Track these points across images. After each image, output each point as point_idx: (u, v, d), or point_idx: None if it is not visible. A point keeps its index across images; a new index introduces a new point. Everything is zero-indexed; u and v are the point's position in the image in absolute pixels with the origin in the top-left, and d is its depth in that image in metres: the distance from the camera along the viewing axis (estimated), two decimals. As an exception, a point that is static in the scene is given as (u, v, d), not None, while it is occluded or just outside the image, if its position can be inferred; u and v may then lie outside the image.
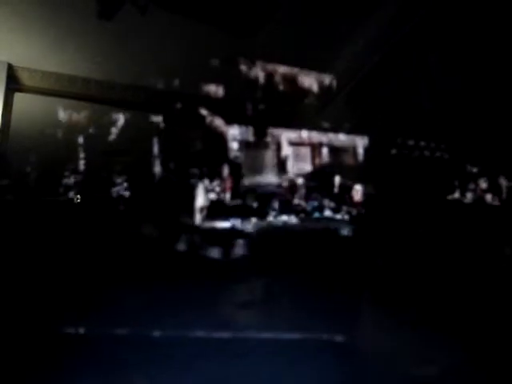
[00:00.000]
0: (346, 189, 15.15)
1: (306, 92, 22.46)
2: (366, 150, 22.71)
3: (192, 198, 11.63)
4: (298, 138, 20.58)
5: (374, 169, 21.36)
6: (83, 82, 15.60)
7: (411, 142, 24.16)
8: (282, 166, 19.85)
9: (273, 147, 20.35)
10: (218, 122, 18.04)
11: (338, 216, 13.64)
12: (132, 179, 12.30)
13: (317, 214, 13.14)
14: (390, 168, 22.44)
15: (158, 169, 12.67)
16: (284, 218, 12.63)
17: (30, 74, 14.22)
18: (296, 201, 14.15)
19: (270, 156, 20.53)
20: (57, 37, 14.42)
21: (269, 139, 19.76)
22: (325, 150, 22.01)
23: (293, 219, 12.58)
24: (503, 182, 19.05)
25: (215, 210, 12.24)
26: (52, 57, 14.60)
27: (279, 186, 15.24)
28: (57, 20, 14.21)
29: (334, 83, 23.08)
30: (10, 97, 13.29)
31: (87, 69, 15.75)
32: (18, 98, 13.88)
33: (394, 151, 23.94)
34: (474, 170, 23.63)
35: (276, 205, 12.92)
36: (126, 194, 12.20)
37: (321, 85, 23.08)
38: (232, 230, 11.37)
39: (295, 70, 21.11)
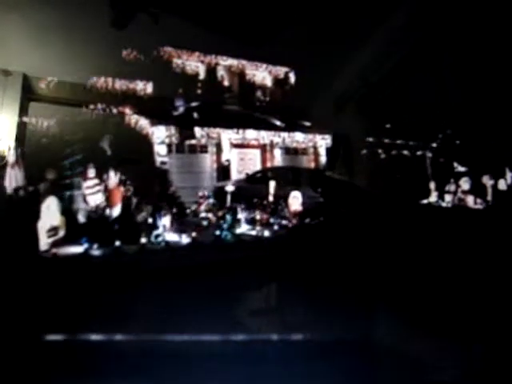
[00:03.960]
0: (281, 197, 11.91)
1: (256, 86, 19.35)
2: (330, 150, 19.43)
3: (38, 216, 8.46)
4: (243, 139, 17.34)
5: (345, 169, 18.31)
6: (98, 91, 15.39)
7: (387, 141, 20.96)
8: (223, 172, 16.64)
9: (211, 150, 17.16)
10: (143, 122, 14.94)
11: (253, 232, 10.35)
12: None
13: (220, 232, 9.87)
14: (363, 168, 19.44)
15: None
16: (173, 237, 9.39)
17: (45, 84, 14.06)
18: (203, 214, 10.90)
19: (207, 161, 17.37)
20: (71, 46, 14.31)
21: (206, 141, 16.55)
22: (278, 152, 18.76)
23: (184, 239, 9.32)
24: (488, 181, 15.68)
25: (74, 230, 9.08)
26: (66, 66, 14.44)
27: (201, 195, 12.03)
28: (71, 30, 14.38)
29: (291, 76, 19.97)
30: (25, 106, 13.15)
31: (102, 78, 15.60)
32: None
33: (366, 151, 20.78)
34: (460, 168, 20.69)
35: (167, 221, 9.67)
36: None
37: (276, 79, 19.93)
38: (81, 257, 8.19)
39: (243, 63, 17.95)
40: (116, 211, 10.57)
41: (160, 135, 15.69)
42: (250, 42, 18.09)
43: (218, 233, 10.11)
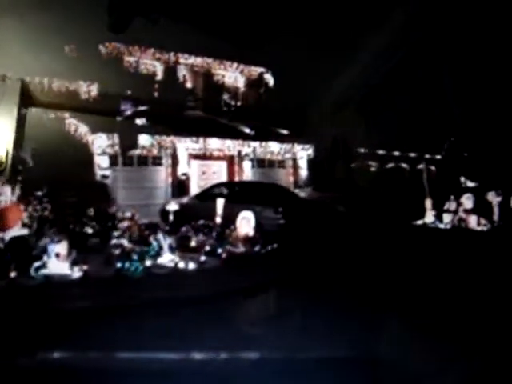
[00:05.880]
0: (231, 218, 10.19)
1: (225, 89, 17.54)
2: (313, 161, 17.51)
3: None
4: (205, 149, 15.47)
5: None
6: (96, 96, 14.83)
7: (381, 152, 19.14)
8: (179, 188, 14.79)
9: (167, 162, 15.31)
10: (83, 129, 13.23)
11: (182, 264, 8.49)
12: None
13: (127, 263, 8.04)
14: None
15: None
16: (64, 269, 7.57)
17: (43, 89, 13.95)
18: (115, 241, 9.08)
19: (161, 174, 15.52)
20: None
21: (159, 151, 14.73)
22: (248, 164, 16.82)
23: (75, 273, 7.49)
24: (494, 198, 13.96)
25: None
26: (64, 72, 14.34)
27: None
28: (69, 35, 14.34)
29: (268, 78, 18.18)
30: (23, 111, 13.06)
31: (99, 83, 14.97)
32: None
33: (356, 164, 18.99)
34: (469, 184, 19.19)
35: (61, 249, 7.87)
36: None
37: (250, 79, 18.11)
38: None
39: (208, 61, 16.18)
40: (12, 235, 8.84)
41: (101, 144, 13.91)
42: (246, 45, 17.31)
43: (120, 265, 8.17)
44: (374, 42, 18.72)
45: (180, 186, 15.23)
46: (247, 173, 16.65)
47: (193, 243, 10.48)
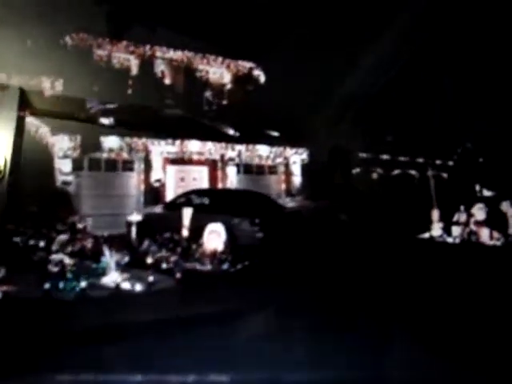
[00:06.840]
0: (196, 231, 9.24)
1: (209, 86, 16.45)
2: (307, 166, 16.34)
3: None
4: (183, 153, 14.35)
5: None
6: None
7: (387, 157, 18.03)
8: (153, 196, 13.67)
9: (139, 167, 14.20)
10: (44, 129, 12.23)
11: (127, 284, 7.85)
12: None
13: (60, 283, 7.14)
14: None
15: None
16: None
17: (41, 98, 13.72)
18: (55, 256, 8.10)
19: (133, 181, 14.41)
20: (66, 60, 14.12)
21: (130, 155, 13.63)
22: (232, 170, 15.64)
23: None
24: (509, 209, 13.24)
25: None
26: (62, 80, 14.41)
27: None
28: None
29: (258, 74, 17.10)
30: (21, 120, 12.64)
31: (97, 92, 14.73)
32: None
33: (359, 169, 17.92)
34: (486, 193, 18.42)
35: None
36: None
37: (237, 75, 17.01)
38: None
39: (188, 55, 15.13)
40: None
41: (63, 146, 12.85)
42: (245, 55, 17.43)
43: (49, 285, 7.23)
44: (375, 49, 18.56)
45: (154, 194, 14.14)
46: (232, 179, 15.53)
47: (149, 260, 9.53)
